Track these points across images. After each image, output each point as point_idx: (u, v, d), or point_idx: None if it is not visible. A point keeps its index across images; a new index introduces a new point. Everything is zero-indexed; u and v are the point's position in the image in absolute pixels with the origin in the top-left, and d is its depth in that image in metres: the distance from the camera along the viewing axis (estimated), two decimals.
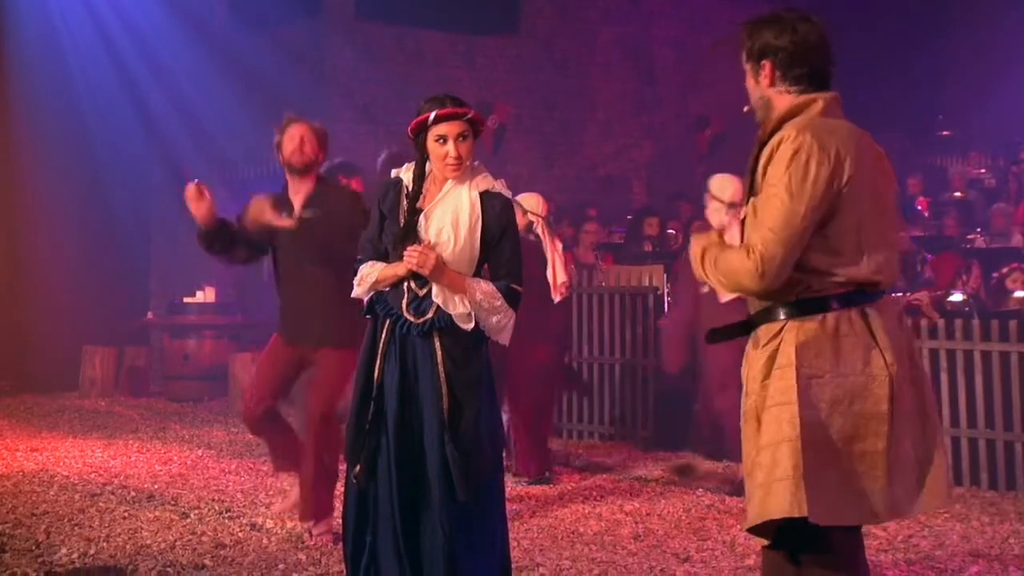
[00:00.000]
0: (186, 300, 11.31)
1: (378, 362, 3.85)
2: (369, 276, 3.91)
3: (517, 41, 13.79)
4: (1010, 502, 6.23)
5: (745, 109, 3.13)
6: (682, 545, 5.22)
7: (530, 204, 6.72)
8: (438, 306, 3.80)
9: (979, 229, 10.62)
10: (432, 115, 3.80)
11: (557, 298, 6.68)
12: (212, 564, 4.80)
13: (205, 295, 11.30)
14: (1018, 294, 8.14)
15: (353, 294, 4.00)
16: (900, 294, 7.29)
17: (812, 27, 3.00)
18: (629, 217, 12.05)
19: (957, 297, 8.13)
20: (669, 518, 5.79)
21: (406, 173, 3.95)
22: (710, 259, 3.01)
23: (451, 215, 3.83)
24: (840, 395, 2.87)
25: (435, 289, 3.80)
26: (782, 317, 2.92)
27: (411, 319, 3.82)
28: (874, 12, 14.01)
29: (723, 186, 6.34)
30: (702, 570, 4.82)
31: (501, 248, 3.87)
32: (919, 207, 11.47)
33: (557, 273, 6.68)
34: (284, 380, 5.35)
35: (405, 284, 3.84)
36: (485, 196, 3.87)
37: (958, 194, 12.32)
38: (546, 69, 13.85)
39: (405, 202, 3.89)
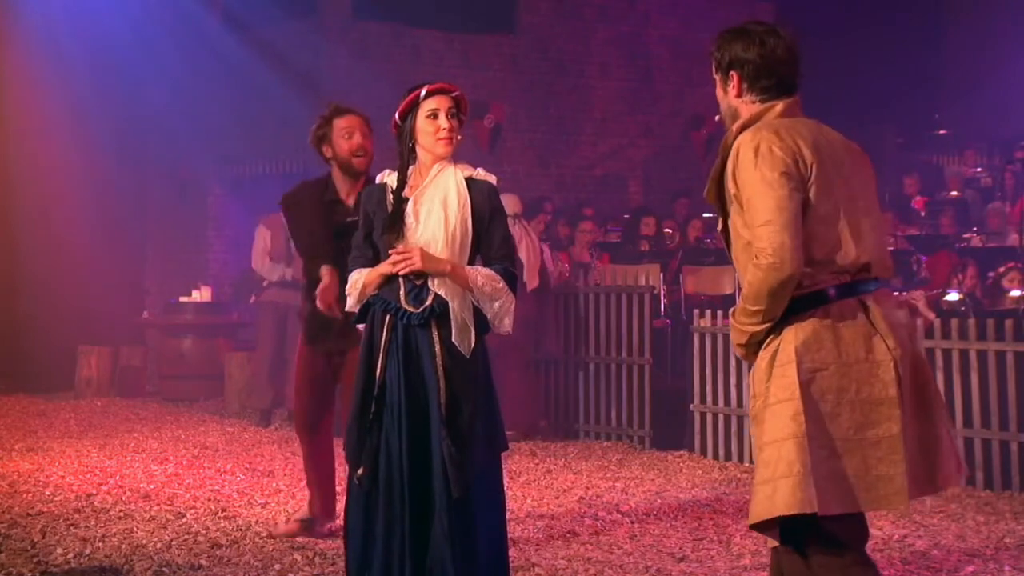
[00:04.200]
0: (182, 300, 11.27)
1: (380, 360, 3.84)
2: (357, 283, 3.92)
3: (513, 40, 13.79)
4: (1005, 502, 6.23)
5: (716, 118, 3.19)
6: (678, 545, 5.22)
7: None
8: (436, 294, 3.81)
9: (975, 228, 10.63)
10: (424, 90, 3.89)
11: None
12: (208, 564, 4.79)
13: (201, 295, 11.27)
14: (1014, 293, 8.15)
15: (347, 307, 3.99)
16: (896, 293, 7.30)
17: (780, 40, 3.05)
18: (626, 216, 12.06)
19: (953, 296, 8.14)
20: (665, 518, 5.79)
21: (390, 176, 3.98)
22: (739, 309, 2.98)
23: (440, 198, 3.85)
24: (846, 384, 2.90)
25: (436, 279, 3.81)
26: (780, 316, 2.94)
27: (410, 309, 3.82)
28: (871, 11, 14.01)
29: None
30: (698, 569, 4.81)
31: (492, 233, 3.90)
32: (915, 206, 11.46)
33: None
34: (327, 386, 5.15)
35: (400, 278, 3.84)
36: (470, 181, 3.92)
37: (954, 193, 12.33)
38: (542, 68, 13.84)
39: (391, 196, 3.92)
